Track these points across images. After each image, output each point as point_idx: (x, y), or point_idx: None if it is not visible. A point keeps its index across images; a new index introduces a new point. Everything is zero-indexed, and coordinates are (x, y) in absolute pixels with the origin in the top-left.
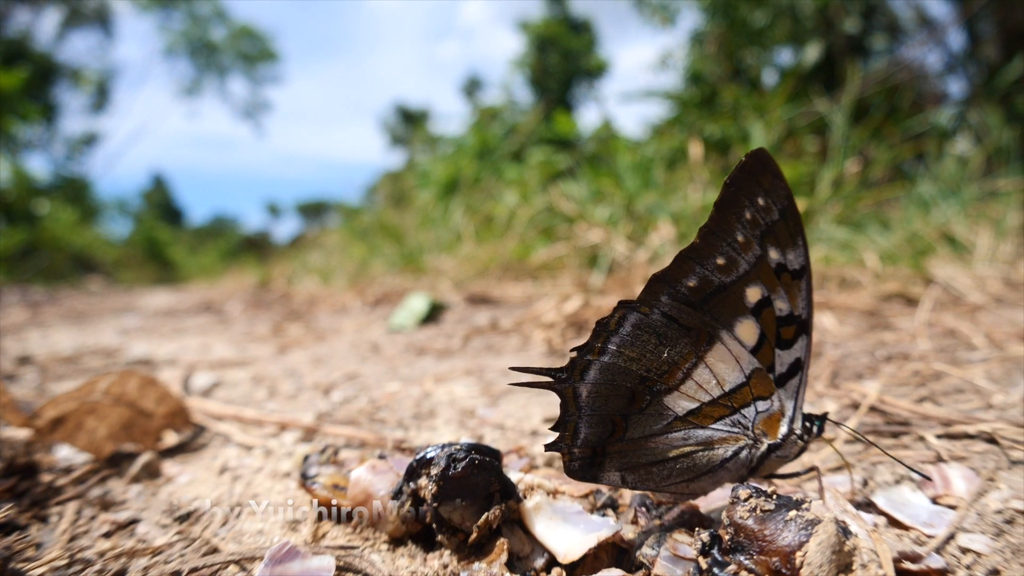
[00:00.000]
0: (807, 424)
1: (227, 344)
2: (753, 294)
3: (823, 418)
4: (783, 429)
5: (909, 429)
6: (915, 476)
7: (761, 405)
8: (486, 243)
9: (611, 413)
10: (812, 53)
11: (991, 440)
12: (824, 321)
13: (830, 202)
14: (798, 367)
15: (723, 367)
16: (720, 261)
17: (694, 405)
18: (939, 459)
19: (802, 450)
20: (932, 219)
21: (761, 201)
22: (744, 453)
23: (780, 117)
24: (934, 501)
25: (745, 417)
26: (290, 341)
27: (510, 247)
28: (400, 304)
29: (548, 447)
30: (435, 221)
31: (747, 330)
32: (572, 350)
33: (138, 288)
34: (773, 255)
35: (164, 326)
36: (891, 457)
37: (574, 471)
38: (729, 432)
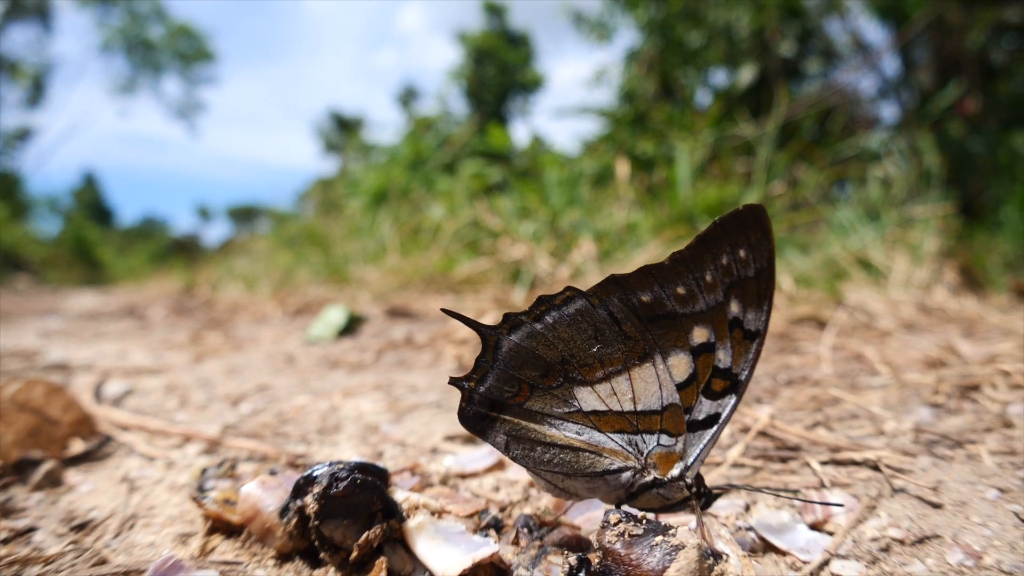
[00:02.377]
0: (698, 484)
1: (145, 351)
2: (700, 335)
3: (711, 494)
4: (675, 471)
5: (797, 455)
6: (796, 503)
7: (665, 440)
8: (411, 255)
9: (521, 378)
10: (746, 75)
11: (876, 468)
12: None
13: None
14: (715, 421)
15: (644, 387)
16: (680, 290)
17: (602, 408)
18: (822, 485)
19: (684, 502)
20: (850, 243)
21: (742, 253)
22: (627, 475)
23: (706, 138)
24: (813, 527)
25: (644, 443)
26: (207, 350)
27: (434, 260)
28: (318, 316)
29: (452, 380)
30: (363, 231)
31: (680, 365)
32: (508, 314)
33: (65, 289)
34: (734, 308)
35: (86, 330)
36: (778, 494)
37: (467, 416)
38: (622, 448)
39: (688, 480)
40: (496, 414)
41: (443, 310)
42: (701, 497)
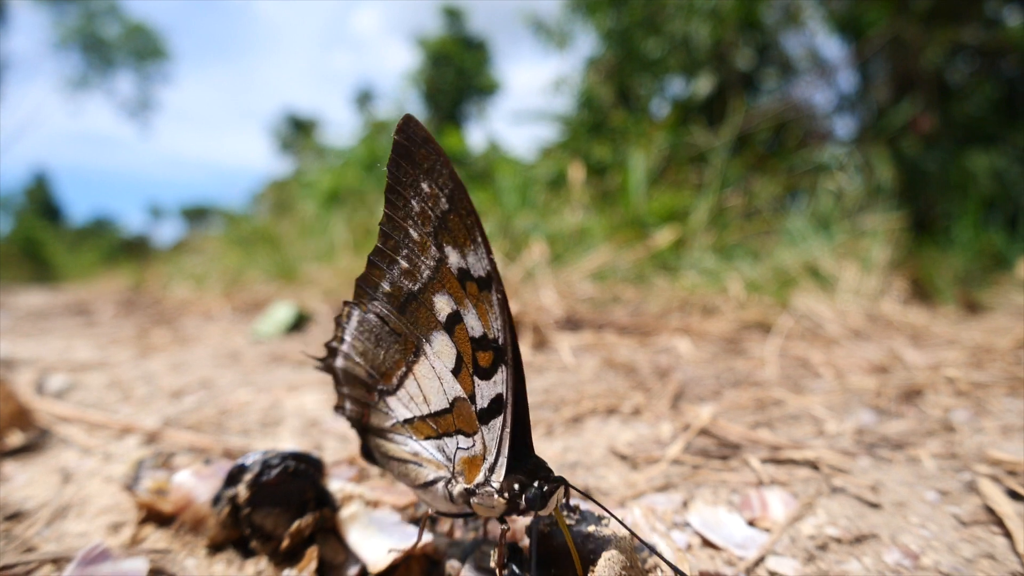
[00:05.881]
0: (517, 486)
1: (90, 347)
2: (442, 305)
3: (542, 490)
4: (480, 476)
5: (737, 452)
6: (734, 499)
7: (463, 441)
8: (364, 254)
9: (357, 397)
10: (704, 86)
11: (815, 467)
12: (680, 346)
13: (702, 231)
14: (501, 404)
15: (428, 384)
16: (404, 264)
17: (409, 415)
18: (760, 483)
19: (515, 509)
20: (800, 252)
21: (425, 187)
22: (441, 485)
23: (661, 146)
24: (750, 524)
25: (448, 447)
26: (153, 346)
27: None
28: (266, 312)
29: (335, 409)
30: (315, 231)
31: (444, 348)
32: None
33: (14, 287)
34: (453, 258)
35: (32, 326)
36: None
37: (360, 446)
38: (433, 456)
39: (495, 484)
40: (365, 435)
41: (301, 351)
42: (530, 504)
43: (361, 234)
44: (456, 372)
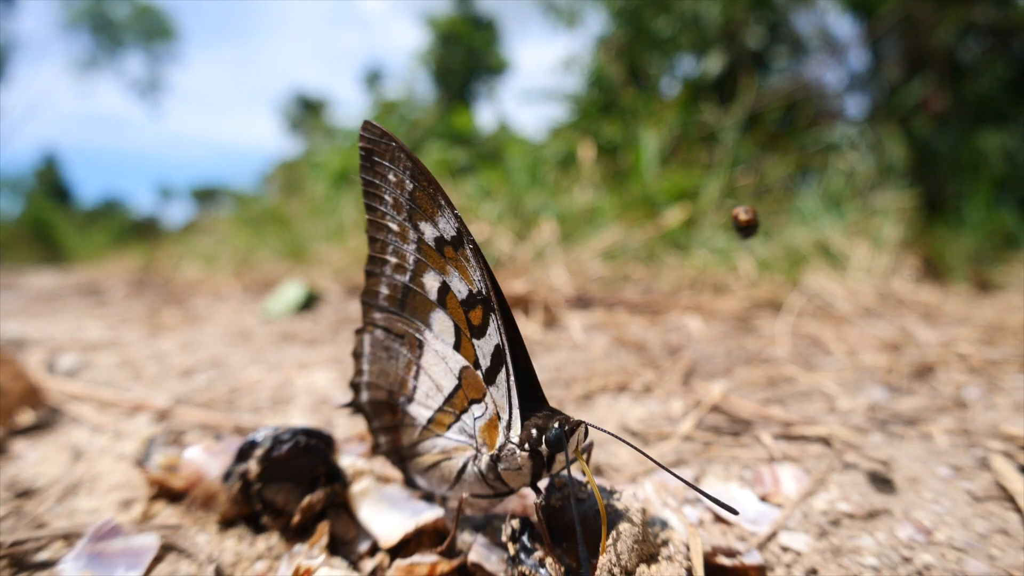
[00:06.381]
0: (535, 431)
1: (101, 327)
2: (431, 283)
3: (561, 427)
4: (500, 438)
5: (749, 429)
6: (746, 475)
7: (476, 409)
8: None
9: (385, 425)
10: (714, 65)
11: (827, 443)
12: (691, 324)
13: (713, 210)
14: (501, 355)
15: (437, 371)
16: (393, 260)
17: (429, 414)
18: (772, 459)
19: (543, 463)
20: (811, 231)
21: (392, 178)
22: (470, 465)
23: (672, 125)
24: (762, 499)
25: (468, 424)
26: (164, 325)
27: None
28: (276, 292)
29: (371, 450)
30: (325, 211)
31: (443, 327)
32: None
33: (24, 268)
34: (428, 231)
35: (43, 307)
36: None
37: (405, 481)
38: (458, 441)
39: (514, 440)
40: (403, 463)
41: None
42: (553, 444)
43: None
44: (457, 345)
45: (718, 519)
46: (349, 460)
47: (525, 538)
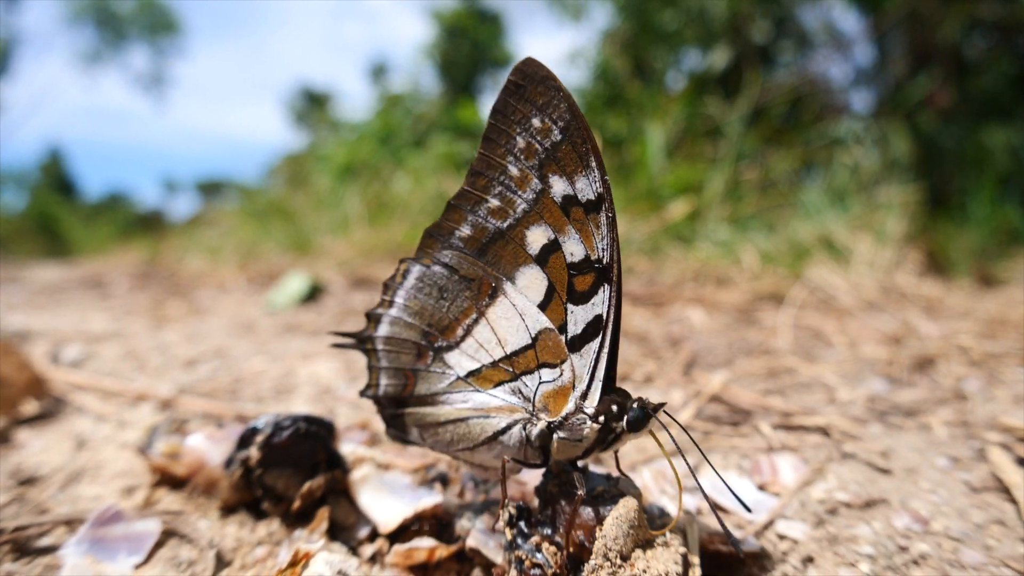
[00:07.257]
0: (615, 407)
1: (105, 318)
2: (536, 238)
3: (645, 408)
4: (569, 406)
5: (749, 419)
6: (744, 464)
7: (547, 374)
8: (377, 227)
9: (402, 367)
10: (720, 59)
11: (826, 433)
12: (693, 316)
13: (717, 203)
14: (598, 326)
15: (506, 325)
16: (493, 203)
17: (475, 366)
18: (771, 449)
19: (607, 439)
20: (815, 225)
21: (536, 123)
22: (517, 428)
23: (678, 118)
24: (760, 488)
25: (527, 386)
26: (168, 317)
27: (400, 231)
28: (280, 283)
29: (362, 393)
30: (330, 204)
31: (533, 282)
32: (367, 312)
33: (29, 262)
34: (558, 186)
35: (47, 299)
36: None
37: (387, 428)
38: (506, 401)
39: (588, 411)
40: (402, 411)
41: (330, 332)
42: (633, 425)
43: (375, 207)
44: (544, 305)
45: (715, 507)
46: (350, 447)
47: (522, 524)
